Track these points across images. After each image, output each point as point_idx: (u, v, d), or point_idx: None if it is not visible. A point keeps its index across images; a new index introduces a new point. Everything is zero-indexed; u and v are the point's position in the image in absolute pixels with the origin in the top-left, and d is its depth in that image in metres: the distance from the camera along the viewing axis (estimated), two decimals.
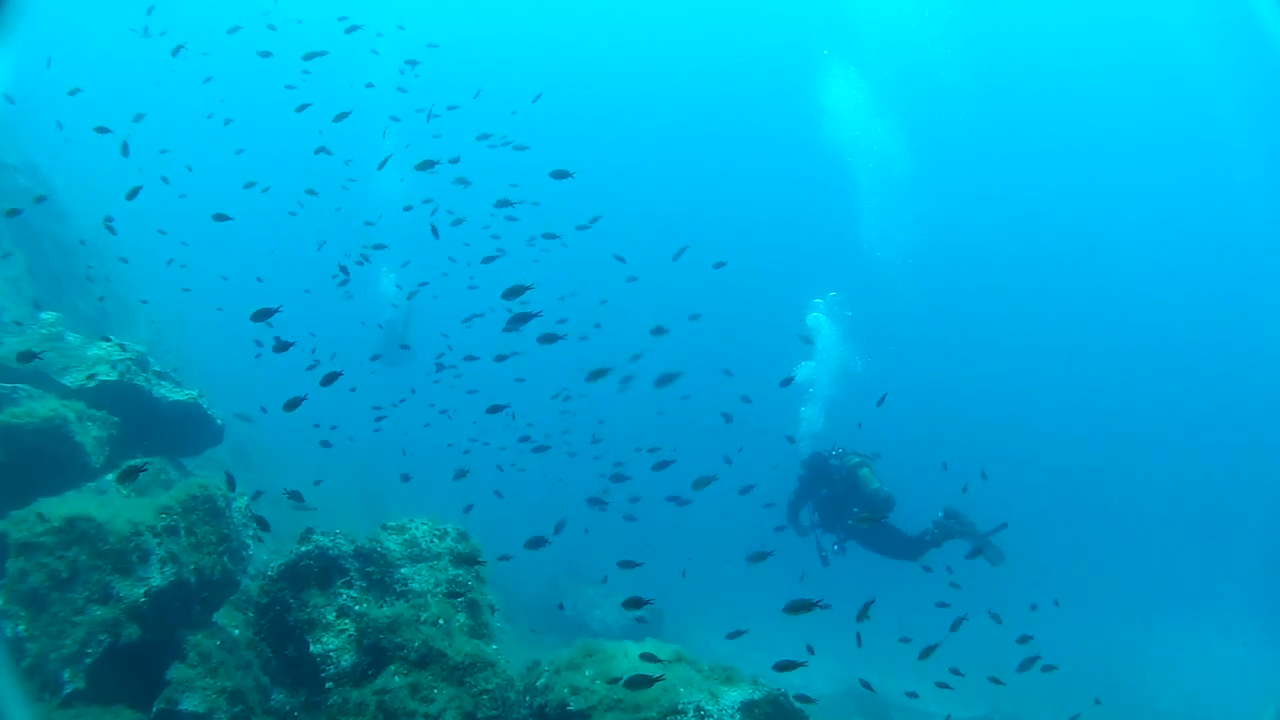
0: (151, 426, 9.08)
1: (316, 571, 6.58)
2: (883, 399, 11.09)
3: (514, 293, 8.02)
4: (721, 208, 42.78)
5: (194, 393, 9.85)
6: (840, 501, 10.51)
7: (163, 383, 9.62)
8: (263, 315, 7.09)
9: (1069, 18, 34.56)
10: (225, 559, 7.03)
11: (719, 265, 13.35)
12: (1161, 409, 37.13)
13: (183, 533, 6.37)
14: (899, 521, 10.39)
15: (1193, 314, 38.08)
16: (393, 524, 7.29)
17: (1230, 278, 36.70)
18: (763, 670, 6.60)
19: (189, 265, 19.34)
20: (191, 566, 6.51)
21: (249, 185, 13.58)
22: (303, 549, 6.61)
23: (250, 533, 7.54)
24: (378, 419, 13.48)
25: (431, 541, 7.15)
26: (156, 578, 6.06)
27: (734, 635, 8.01)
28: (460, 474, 12.65)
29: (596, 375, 9.60)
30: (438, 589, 6.78)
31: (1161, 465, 34.86)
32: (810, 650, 8.33)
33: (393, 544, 7.02)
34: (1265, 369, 32.65)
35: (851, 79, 27.62)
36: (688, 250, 14.55)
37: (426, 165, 11.11)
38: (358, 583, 6.64)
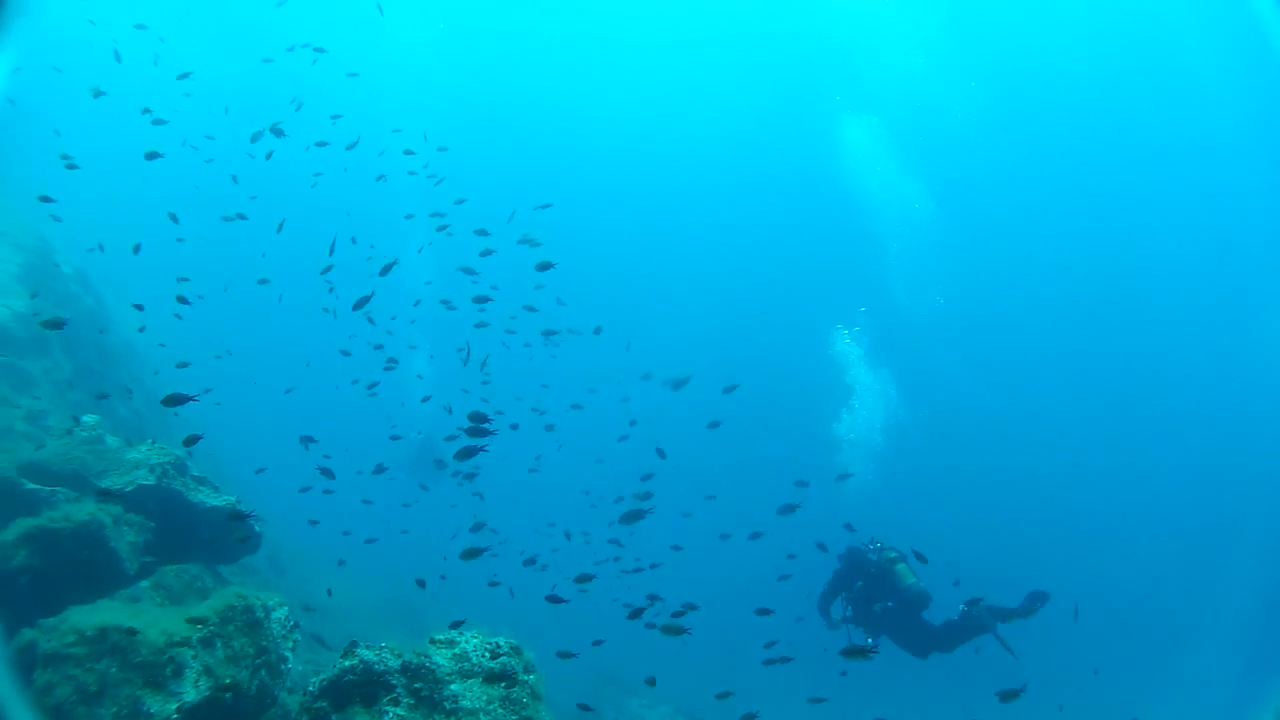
0: (189, 532, 8.73)
1: (361, 687, 6.07)
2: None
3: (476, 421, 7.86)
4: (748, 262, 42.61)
5: (232, 498, 9.53)
6: (875, 595, 10.42)
7: (201, 488, 9.32)
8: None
9: (1063, 39, 34.87)
10: (263, 673, 6.56)
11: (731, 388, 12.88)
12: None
13: (219, 645, 5.94)
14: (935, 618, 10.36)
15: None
16: (441, 637, 6.78)
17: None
18: None
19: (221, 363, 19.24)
20: (228, 680, 6.05)
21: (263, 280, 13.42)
22: (346, 663, 6.12)
23: (289, 645, 7.07)
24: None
25: (483, 656, 6.62)
26: (190, 693, 5.61)
27: None
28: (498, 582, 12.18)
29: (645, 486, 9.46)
30: (490, 706, 6.23)
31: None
32: None
33: (441, 658, 6.50)
34: None
35: (867, 124, 28.05)
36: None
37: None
38: (405, 700, 6.11)
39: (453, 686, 6.33)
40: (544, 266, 10.36)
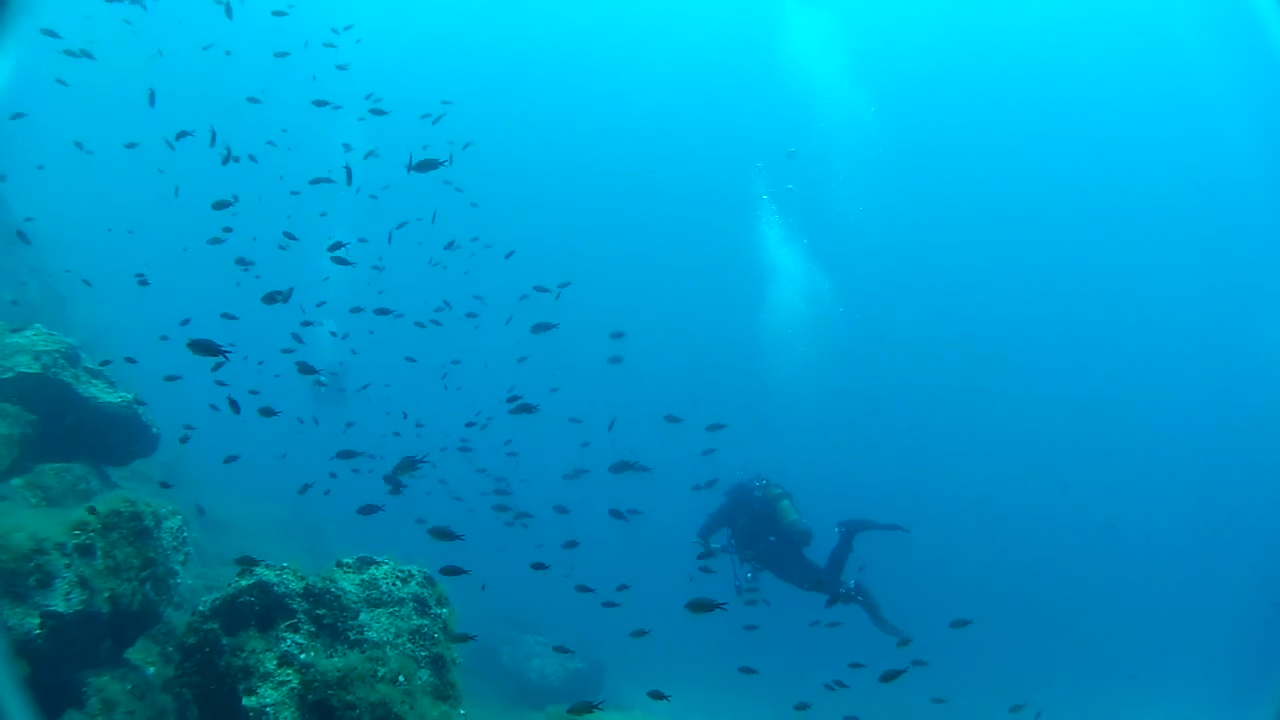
0: (76, 428, 7.96)
1: (257, 610, 5.53)
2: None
3: None
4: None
5: (129, 395, 8.75)
6: (758, 531, 10.61)
7: (95, 381, 8.51)
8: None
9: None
10: (148, 587, 5.98)
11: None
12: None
13: (99, 554, 5.33)
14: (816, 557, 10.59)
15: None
16: (349, 560, 6.28)
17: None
18: None
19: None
20: (106, 594, 5.46)
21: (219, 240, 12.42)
22: (243, 583, 5.57)
23: (180, 559, 6.49)
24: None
25: (394, 584, 6.14)
26: (60, 604, 5.01)
27: (656, 696, 7.64)
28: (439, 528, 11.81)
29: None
30: (399, 640, 5.77)
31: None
32: None
33: (349, 584, 6.00)
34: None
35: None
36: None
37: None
38: (305, 627, 5.60)
39: (360, 616, 5.85)
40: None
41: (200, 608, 5.63)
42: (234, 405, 8.31)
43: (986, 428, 37.78)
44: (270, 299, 8.50)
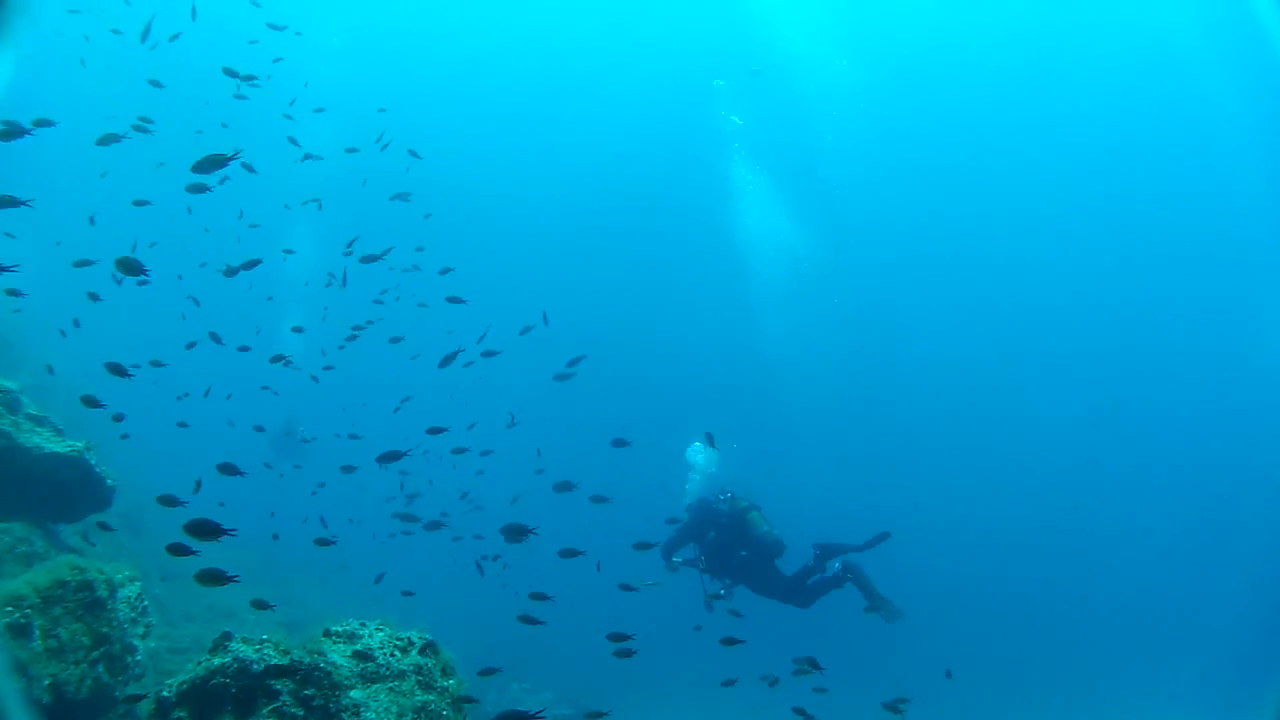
0: (16, 482, 7.02)
1: (234, 694, 4.66)
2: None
3: None
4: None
5: (79, 444, 7.83)
6: (728, 545, 10.41)
7: (38, 429, 7.59)
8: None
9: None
10: (100, 669, 5.07)
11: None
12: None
13: (37, 633, 4.43)
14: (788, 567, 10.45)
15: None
16: (339, 629, 5.41)
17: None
18: None
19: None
20: (46, 681, 4.56)
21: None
22: (216, 661, 4.69)
23: (139, 631, 5.58)
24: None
25: (392, 654, 5.29)
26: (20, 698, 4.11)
27: None
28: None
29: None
30: None
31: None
32: None
33: (340, 656, 5.14)
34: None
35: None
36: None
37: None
38: (291, 710, 4.72)
39: (353, 693, 4.98)
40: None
41: (164, 693, 4.73)
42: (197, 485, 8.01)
43: (978, 424, 37.34)
44: (231, 272, 8.06)
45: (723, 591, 10.53)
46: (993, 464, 34.92)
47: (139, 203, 9.56)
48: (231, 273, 9.23)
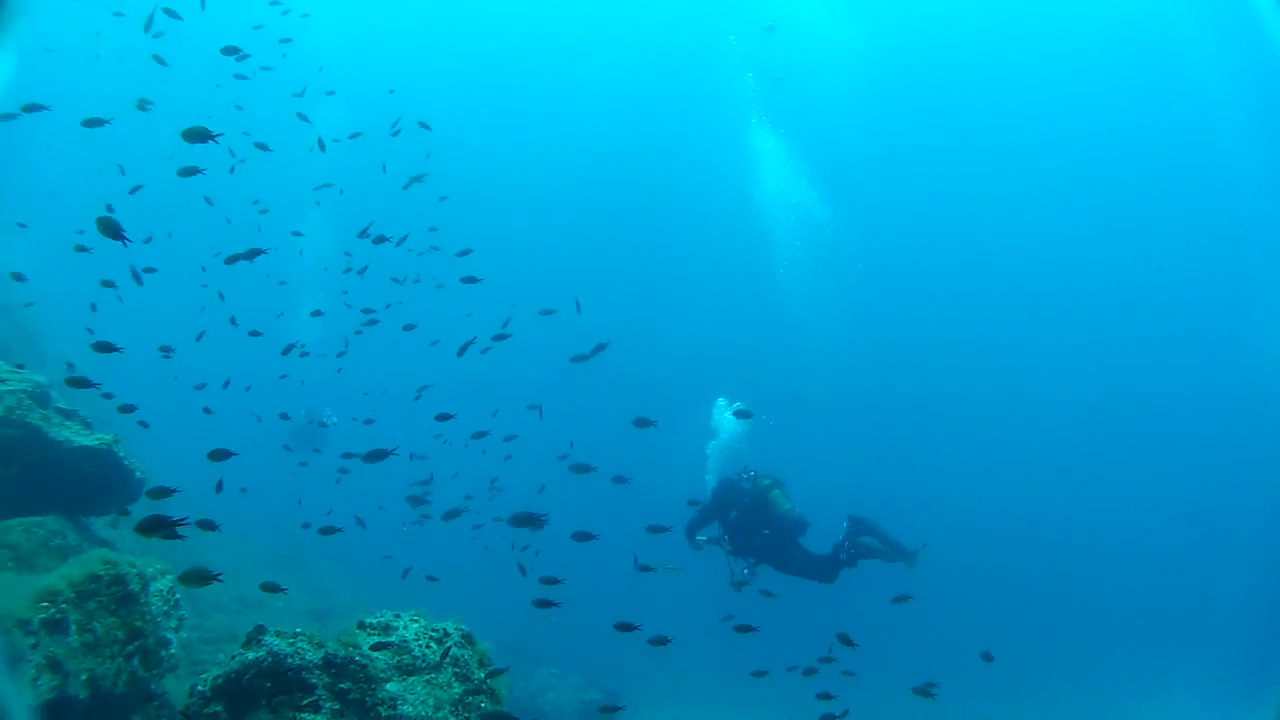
0: (48, 476, 7.01)
1: (269, 688, 4.60)
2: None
3: None
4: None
5: (108, 437, 7.81)
6: (751, 524, 10.34)
7: (68, 423, 7.57)
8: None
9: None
10: (135, 662, 5.03)
11: None
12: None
13: (73, 628, 4.38)
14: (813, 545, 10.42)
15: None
16: (373, 621, 5.34)
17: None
18: None
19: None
20: (84, 676, 4.52)
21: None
22: (250, 656, 4.63)
23: (173, 624, 5.54)
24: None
25: (428, 646, 5.22)
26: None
27: None
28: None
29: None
30: (440, 714, 4.84)
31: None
32: None
33: (374, 649, 5.07)
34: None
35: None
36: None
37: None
38: (327, 705, 4.66)
39: (389, 686, 4.92)
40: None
41: (200, 686, 4.68)
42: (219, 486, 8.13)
43: (994, 404, 36.94)
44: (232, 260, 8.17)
45: (747, 572, 10.47)
46: (1007, 449, 34.58)
47: (134, 190, 9.45)
48: (233, 260, 9.16)
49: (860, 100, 31.90)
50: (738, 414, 12.03)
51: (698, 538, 10.77)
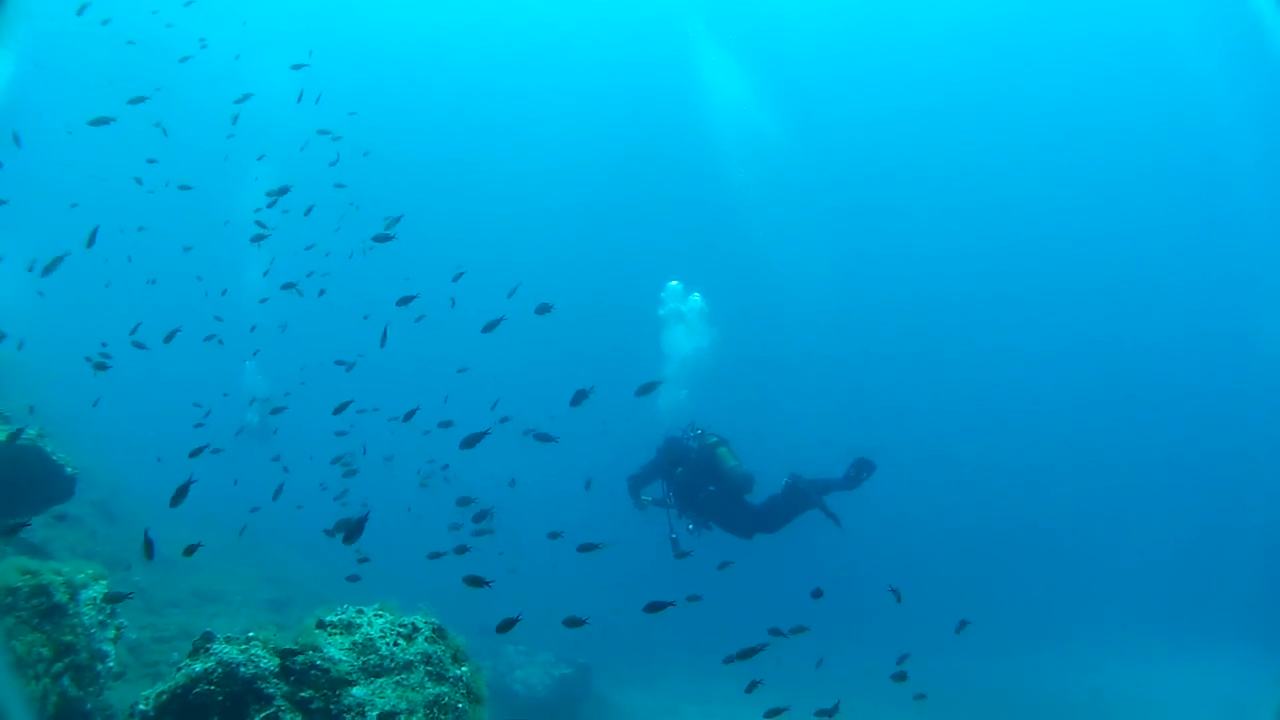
0: None
1: (220, 701, 4.12)
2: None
3: None
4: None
5: (32, 431, 7.17)
6: (696, 481, 10.33)
7: None
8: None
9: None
10: (65, 681, 4.50)
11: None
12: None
13: None
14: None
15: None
16: (334, 618, 4.85)
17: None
18: None
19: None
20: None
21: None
22: (198, 667, 4.14)
23: (110, 634, 5.00)
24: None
25: (396, 644, 4.76)
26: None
27: None
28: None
29: None
30: (414, 718, 4.40)
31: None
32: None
33: (337, 650, 4.60)
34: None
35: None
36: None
37: None
38: (288, 716, 4.20)
39: (356, 691, 4.45)
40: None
41: (141, 706, 4.18)
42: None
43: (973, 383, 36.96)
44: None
45: (691, 531, 10.42)
46: (999, 400, 34.69)
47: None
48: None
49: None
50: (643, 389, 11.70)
51: (643, 497, 10.79)
